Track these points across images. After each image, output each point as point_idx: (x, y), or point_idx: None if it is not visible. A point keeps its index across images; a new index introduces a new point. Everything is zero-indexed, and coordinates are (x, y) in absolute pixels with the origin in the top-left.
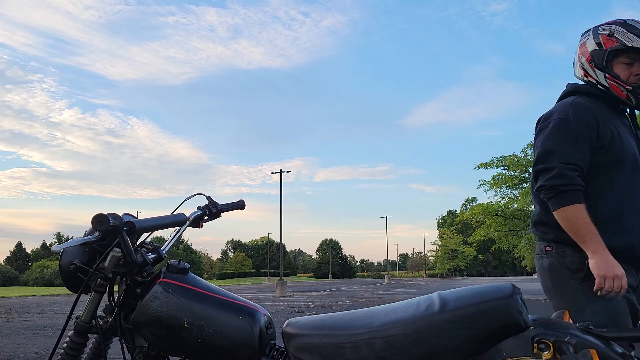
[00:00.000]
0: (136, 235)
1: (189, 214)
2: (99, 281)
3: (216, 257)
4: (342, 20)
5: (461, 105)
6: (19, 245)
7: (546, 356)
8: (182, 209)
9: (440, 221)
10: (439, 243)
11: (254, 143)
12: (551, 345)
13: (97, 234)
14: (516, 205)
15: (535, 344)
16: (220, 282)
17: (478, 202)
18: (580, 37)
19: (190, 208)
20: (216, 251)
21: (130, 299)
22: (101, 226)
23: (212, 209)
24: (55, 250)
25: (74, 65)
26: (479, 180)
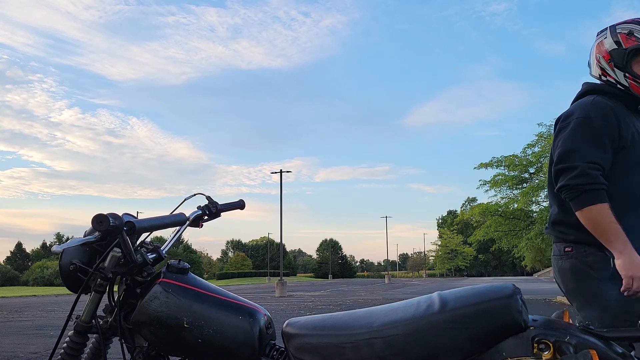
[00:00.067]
0: (136, 235)
1: (189, 214)
2: (99, 281)
3: (216, 257)
4: (342, 20)
5: (461, 105)
6: (19, 245)
7: (546, 356)
8: (182, 209)
9: (440, 221)
10: (439, 243)
11: (254, 143)
12: (551, 345)
13: (97, 234)
14: (516, 205)
15: (535, 344)
16: (220, 282)
17: (478, 202)
18: (596, 36)
19: (190, 208)
20: (216, 251)
21: (130, 299)
22: (101, 226)
23: (212, 209)
24: (55, 250)
25: (74, 65)
26: (479, 180)
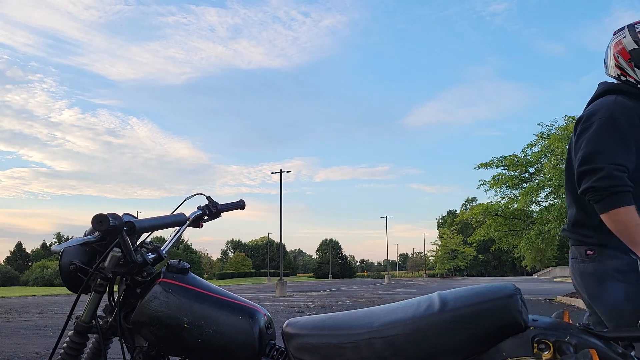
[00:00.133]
0: (136, 235)
1: (189, 214)
2: (99, 281)
3: (216, 257)
4: (342, 20)
5: (461, 105)
6: (19, 245)
7: (546, 356)
8: (182, 209)
9: (440, 221)
10: (439, 243)
11: (254, 143)
12: (551, 345)
13: (97, 234)
14: (516, 205)
15: (535, 344)
16: (220, 282)
17: (478, 202)
18: (613, 35)
19: (190, 208)
20: (216, 251)
21: (130, 299)
22: (101, 226)
23: (212, 209)
24: (55, 250)
25: (74, 65)
26: (479, 180)
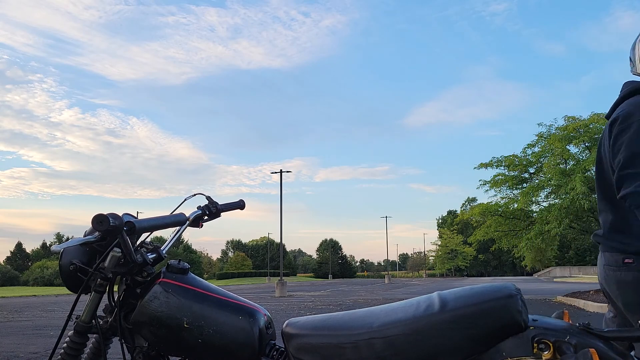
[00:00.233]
0: (136, 235)
1: (189, 214)
2: (99, 281)
3: (216, 257)
4: (342, 20)
5: (461, 105)
6: (19, 245)
7: (546, 356)
8: (182, 209)
9: (440, 221)
10: (439, 243)
11: (254, 143)
12: (551, 345)
13: (97, 234)
14: (516, 205)
15: (535, 344)
16: (220, 282)
17: (478, 202)
18: (639, 34)
19: (190, 208)
20: (216, 251)
21: (130, 299)
22: (101, 226)
23: (212, 209)
24: (55, 250)
25: (74, 65)
26: (479, 180)
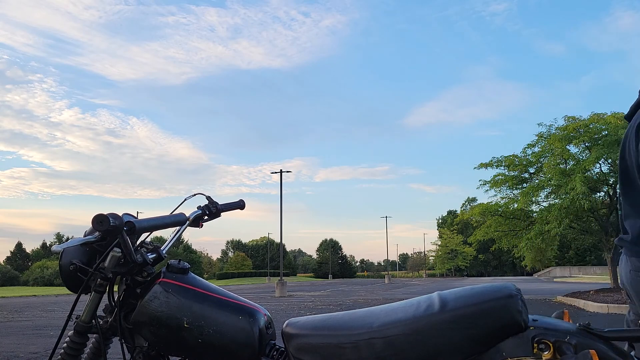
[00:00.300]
0: (136, 235)
1: (189, 214)
2: (99, 281)
3: (216, 257)
4: (342, 20)
5: (461, 105)
6: (19, 245)
7: (546, 356)
8: (182, 209)
9: (440, 221)
10: (439, 243)
11: (254, 143)
12: (551, 345)
13: (97, 234)
14: (516, 205)
15: (535, 344)
16: (220, 282)
17: (478, 202)
18: None
19: (190, 208)
20: (216, 251)
21: (130, 299)
22: (101, 226)
23: (212, 209)
24: (55, 250)
25: (74, 65)
26: (479, 180)
